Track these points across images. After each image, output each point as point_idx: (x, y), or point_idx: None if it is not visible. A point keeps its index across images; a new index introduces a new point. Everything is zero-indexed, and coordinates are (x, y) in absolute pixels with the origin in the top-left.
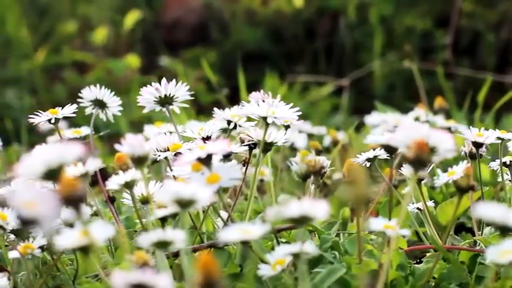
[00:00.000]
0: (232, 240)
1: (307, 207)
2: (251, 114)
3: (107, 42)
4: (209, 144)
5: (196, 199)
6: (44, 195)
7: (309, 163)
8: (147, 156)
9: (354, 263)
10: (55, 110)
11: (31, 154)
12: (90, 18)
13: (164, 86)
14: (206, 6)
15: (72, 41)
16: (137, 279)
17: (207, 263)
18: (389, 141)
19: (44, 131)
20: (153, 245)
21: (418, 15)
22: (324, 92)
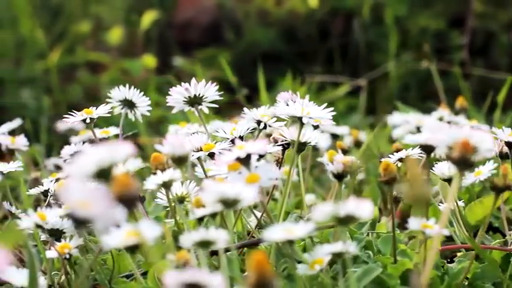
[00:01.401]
0: (276, 240)
1: (352, 207)
2: (287, 114)
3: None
4: (248, 144)
5: (241, 199)
6: (98, 195)
7: (346, 163)
8: (187, 156)
9: (388, 262)
10: (89, 109)
11: (82, 154)
12: (103, 19)
13: (194, 86)
14: (219, 6)
15: (85, 42)
16: (191, 279)
17: (260, 263)
18: (430, 141)
19: (62, 131)
20: (196, 244)
21: (432, 16)
22: (340, 92)
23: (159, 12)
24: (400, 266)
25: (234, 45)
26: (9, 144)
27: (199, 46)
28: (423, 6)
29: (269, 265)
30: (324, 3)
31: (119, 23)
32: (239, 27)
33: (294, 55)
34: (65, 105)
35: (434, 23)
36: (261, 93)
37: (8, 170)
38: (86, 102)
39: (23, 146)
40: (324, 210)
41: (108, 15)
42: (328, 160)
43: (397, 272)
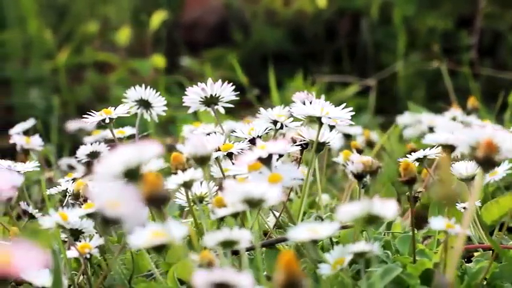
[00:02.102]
0: (302, 240)
1: (377, 207)
2: (306, 114)
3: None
4: (270, 144)
5: (266, 198)
6: (128, 195)
7: (366, 163)
8: (209, 156)
9: (407, 262)
10: (108, 109)
11: (110, 154)
12: (109, 19)
13: (210, 86)
14: (226, 6)
15: (92, 42)
16: (220, 278)
17: (289, 263)
18: (452, 140)
19: (72, 131)
20: (219, 244)
21: (439, 16)
22: (349, 92)
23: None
24: (420, 265)
25: (242, 45)
26: (24, 144)
27: (207, 46)
28: (430, 7)
29: (298, 265)
30: (331, 3)
31: (126, 23)
32: (246, 27)
33: (301, 55)
34: (74, 105)
35: (441, 23)
36: (272, 93)
37: (25, 170)
38: (93, 102)
39: (38, 146)
40: (349, 210)
41: (115, 15)
42: (344, 160)
43: (417, 272)
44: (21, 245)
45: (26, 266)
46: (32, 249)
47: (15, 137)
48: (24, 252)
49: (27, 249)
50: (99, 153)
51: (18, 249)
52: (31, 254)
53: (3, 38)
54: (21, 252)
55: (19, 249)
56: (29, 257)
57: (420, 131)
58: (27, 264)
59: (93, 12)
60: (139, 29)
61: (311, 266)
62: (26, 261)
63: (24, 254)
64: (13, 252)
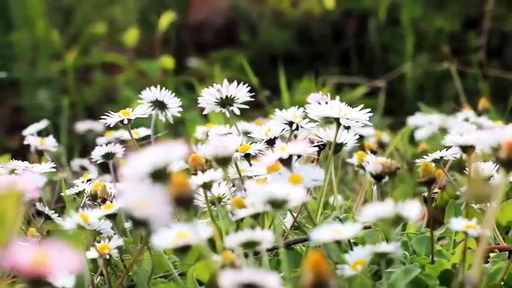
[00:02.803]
0: (325, 240)
1: (401, 208)
2: (324, 115)
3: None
4: (290, 144)
5: (290, 199)
6: (156, 196)
7: (385, 164)
8: (231, 157)
9: (425, 263)
10: (127, 110)
11: (137, 155)
12: (116, 20)
13: (226, 87)
14: (232, 8)
15: (99, 43)
16: (248, 279)
17: (317, 263)
18: (472, 141)
19: (81, 132)
20: (242, 245)
21: (446, 17)
22: (358, 94)
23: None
24: (438, 266)
25: (249, 46)
26: (39, 145)
27: (213, 47)
28: (437, 8)
29: (326, 265)
30: (338, 4)
31: (132, 24)
32: (253, 28)
33: (309, 56)
34: (82, 106)
35: (448, 24)
36: (282, 94)
37: (42, 171)
38: (101, 103)
39: (52, 147)
40: (373, 211)
41: (122, 16)
42: (358, 161)
43: (436, 272)
44: (54, 246)
45: (61, 267)
46: (66, 250)
47: (29, 138)
48: (58, 253)
49: (61, 250)
50: (114, 154)
51: (52, 250)
52: (65, 255)
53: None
54: (55, 254)
55: (53, 250)
56: (63, 258)
57: (431, 132)
58: (62, 266)
59: (99, 13)
60: (147, 30)
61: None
62: (61, 263)
63: (58, 255)
64: (47, 253)
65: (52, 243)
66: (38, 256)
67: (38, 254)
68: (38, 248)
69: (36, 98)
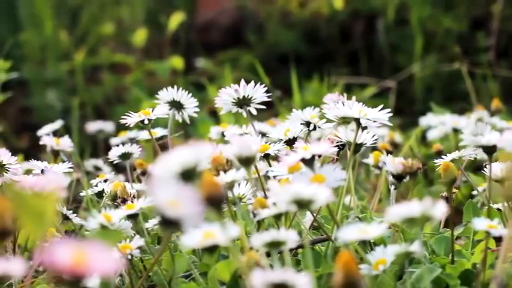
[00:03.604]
0: (352, 240)
1: (427, 207)
2: (344, 115)
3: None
4: (313, 145)
5: (316, 199)
6: (186, 195)
7: (406, 164)
8: (254, 157)
9: (445, 262)
10: (147, 111)
11: (167, 155)
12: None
13: (243, 88)
14: (239, 8)
15: (107, 43)
16: (279, 278)
17: (347, 263)
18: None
19: (92, 132)
20: (266, 245)
21: (454, 18)
22: (367, 94)
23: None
24: (459, 266)
25: (256, 47)
26: (55, 146)
27: (220, 48)
28: (445, 9)
29: (356, 265)
30: (346, 4)
31: (140, 24)
32: (260, 28)
33: (316, 56)
34: (91, 107)
35: (456, 24)
36: (294, 94)
37: (60, 171)
38: (110, 103)
39: (68, 147)
40: (398, 211)
41: (129, 16)
42: (374, 161)
43: (456, 272)
44: (93, 246)
45: (100, 266)
46: (104, 249)
47: (44, 138)
48: (97, 253)
49: (99, 250)
50: (131, 155)
51: (91, 250)
52: (104, 254)
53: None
54: (94, 253)
55: (91, 250)
56: (101, 258)
57: (444, 132)
58: (100, 266)
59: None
60: (154, 30)
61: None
62: (99, 263)
63: (97, 255)
64: (86, 253)
65: (89, 243)
66: (77, 256)
67: (77, 254)
68: (77, 248)
69: (45, 98)
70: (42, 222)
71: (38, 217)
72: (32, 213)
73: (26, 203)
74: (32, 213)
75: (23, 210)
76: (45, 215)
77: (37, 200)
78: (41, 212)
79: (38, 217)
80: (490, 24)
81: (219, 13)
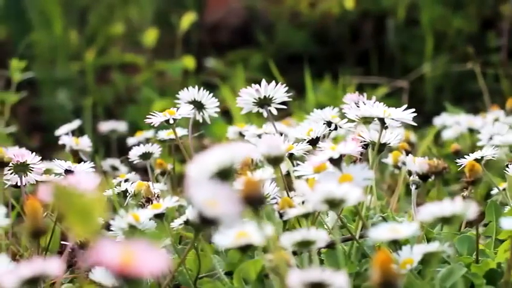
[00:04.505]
0: (384, 239)
1: (457, 207)
2: (369, 115)
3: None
4: (341, 144)
5: (347, 199)
6: (226, 195)
7: (432, 163)
8: (283, 157)
9: (469, 262)
10: (172, 110)
11: (204, 154)
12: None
13: (264, 88)
14: (248, 8)
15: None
16: (316, 278)
17: (384, 262)
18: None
19: (104, 132)
20: (296, 244)
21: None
22: (380, 94)
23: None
24: (484, 265)
25: (265, 47)
26: (74, 145)
27: (229, 48)
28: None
29: (393, 264)
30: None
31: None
32: (269, 28)
33: (326, 56)
34: (102, 107)
35: (466, 25)
36: (308, 94)
37: (83, 170)
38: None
39: (87, 147)
40: (430, 210)
41: (138, 17)
42: (394, 161)
43: (481, 272)
44: (141, 245)
45: (148, 266)
46: (152, 249)
47: (64, 138)
48: (145, 252)
49: (147, 249)
50: (151, 154)
51: (139, 249)
52: (151, 254)
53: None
54: (142, 252)
55: (140, 249)
56: (150, 257)
57: (459, 132)
58: (149, 265)
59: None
60: (163, 30)
61: None
62: (148, 262)
63: (145, 254)
64: (135, 252)
65: (136, 243)
66: (125, 255)
67: (125, 253)
68: (125, 247)
69: (56, 98)
70: (91, 222)
71: (86, 216)
72: (80, 212)
73: (74, 202)
74: (80, 212)
75: (71, 209)
76: (93, 215)
77: (85, 200)
78: (89, 212)
79: (86, 216)
80: (499, 25)
81: (227, 13)
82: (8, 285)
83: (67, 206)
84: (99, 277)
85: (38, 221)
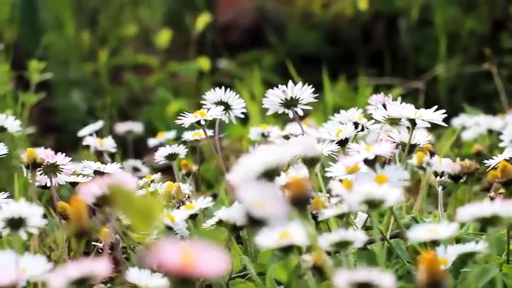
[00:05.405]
0: (422, 240)
1: (498, 208)
2: (398, 116)
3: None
4: (376, 145)
5: (387, 199)
6: (273, 195)
7: (464, 164)
8: (319, 158)
9: (500, 262)
10: (203, 111)
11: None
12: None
13: (291, 89)
14: (258, 9)
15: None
16: (363, 278)
17: (431, 262)
18: None
19: (121, 133)
20: (334, 245)
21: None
22: (394, 95)
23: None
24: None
25: (277, 48)
26: (98, 146)
27: (240, 48)
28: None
29: (440, 264)
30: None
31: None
32: (280, 29)
33: (338, 57)
34: (116, 107)
35: (478, 25)
36: (326, 94)
37: (110, 171)
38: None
39: (112, 148)
40: (470, 211)
41: (148, 18)
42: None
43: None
44: (201, 246)
45: (208, 267)
46: (212, 250)
47: (88, 138)
48: (205, 253)
49: (207, 250)
50: (177, 155)
51: (199, 250)
52: (212, 254)
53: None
54: (203, 253)
55: (200, 250)
56: (211, 258)
57: (478, 133)
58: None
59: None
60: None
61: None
62: (208, 262)
63: (206, 255)
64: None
65: (196, 243)
66: (185, 256)
67: (185, 254)
68: (185, 248)
69: (70, 99)
70: (151, 222)
71: (147, 217)
72: (140, 213)
73: (134, 203)
74: (140, 213)
75: (131, 210)
76: (153, 215)
77: (145, 200)
78: (149, 212)
79: (146, 217)
80: (510, 26)
81: (238, 14)
82: (56, 285)
83: (127, 207)
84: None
85: (82, 222)
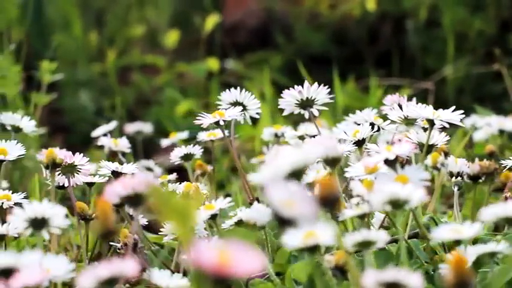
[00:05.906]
0: (446, 240)
1: None
2: (416, 117)
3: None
4: (396, 145)
5: (411, 199)
6: (303, 196)
7: (483, 164)
8: (340, 158)
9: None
10: (221, 111)
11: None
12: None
13: (307, 89)
14: (266, 10)
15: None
16: (391, 278)
17: (458, 262)
18: None
19: (130, 133)
20: (357, 245)
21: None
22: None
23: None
24: None
25: (284, 48)
26: (113, 146)
27: (247, 49)
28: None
29: (467, 265)
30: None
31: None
32: (288, 29)
33: (346, 58)
34: (125, 107)
35: (486, 26)
36: (336, 95)
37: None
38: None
39: (126, 148)
40: (493, 211)
41: (155, 18)
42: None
43: None
44: (237, 246)
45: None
46: (249, 250)
47: (102, 139)
48: (242, 253)
49: (244, 249)
50: (192, 156)
51: (235, 250)
52: (248, 254)
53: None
54: (239, 253)
55: (236, 249)
56: (247, 258)
57: (490, 134)
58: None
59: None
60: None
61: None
62: (245, 262)
63: (242, 255)
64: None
65: (232, 243)
66: (222, 256)
67: (222, 254)
68: (221, 248)
69: (78, 100)
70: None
71: (185, 217)
72: (178, 214)
73: (172, 204)
74: (178, 214)
75: (169, 211)
76: (191, 216)
77: (182, 201)
78: (186, 213)
79: (184, 217)
80: None
81: (245, 14)
82: (86, 285)
83: (165, 208)
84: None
85: (109, 222)
